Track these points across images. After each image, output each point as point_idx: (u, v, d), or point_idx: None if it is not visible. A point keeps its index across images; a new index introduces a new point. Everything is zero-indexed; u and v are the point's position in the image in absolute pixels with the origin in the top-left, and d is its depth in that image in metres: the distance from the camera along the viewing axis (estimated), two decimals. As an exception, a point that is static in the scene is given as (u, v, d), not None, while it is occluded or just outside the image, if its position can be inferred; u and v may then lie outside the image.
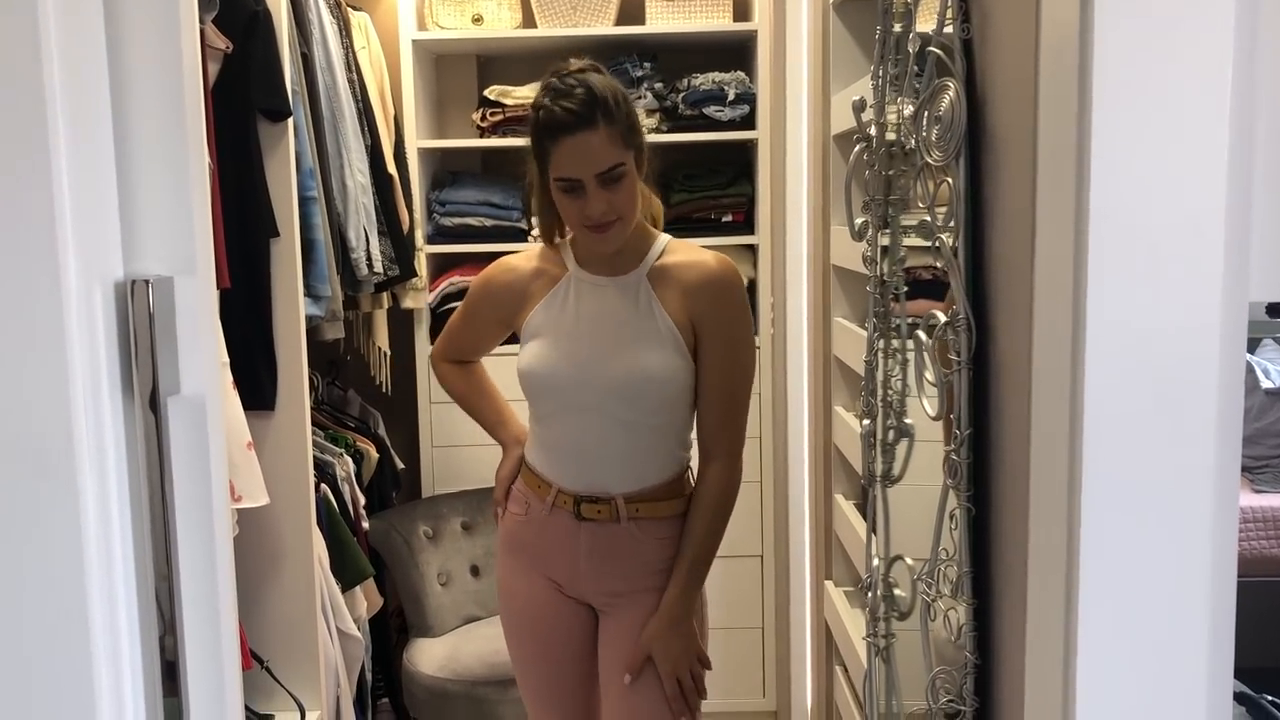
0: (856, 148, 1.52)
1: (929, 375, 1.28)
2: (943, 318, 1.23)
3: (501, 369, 2.13)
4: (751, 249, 3.34)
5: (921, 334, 1.28)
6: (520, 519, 1.95)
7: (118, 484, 0.97)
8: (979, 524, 1.21)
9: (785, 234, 3.05)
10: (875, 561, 1.64)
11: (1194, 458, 0.91)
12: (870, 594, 1.65)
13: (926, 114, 1.26)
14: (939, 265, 1.24)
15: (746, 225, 3.33)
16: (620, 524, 1.86)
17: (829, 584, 2.39)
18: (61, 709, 0.94)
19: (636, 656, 1.85)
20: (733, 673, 3.46)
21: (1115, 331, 0.91)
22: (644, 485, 1.87)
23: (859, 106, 1.50)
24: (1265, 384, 4.19)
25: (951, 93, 1.20)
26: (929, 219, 1.30)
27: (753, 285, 3.35)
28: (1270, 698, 1.35)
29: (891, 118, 1.46)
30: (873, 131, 1.52)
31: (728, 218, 3.30)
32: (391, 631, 3.28)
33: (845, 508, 2.27)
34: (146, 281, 0.95)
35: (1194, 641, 0.92)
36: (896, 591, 1.61)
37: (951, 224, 1.21)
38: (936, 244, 1.25)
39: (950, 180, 1.21)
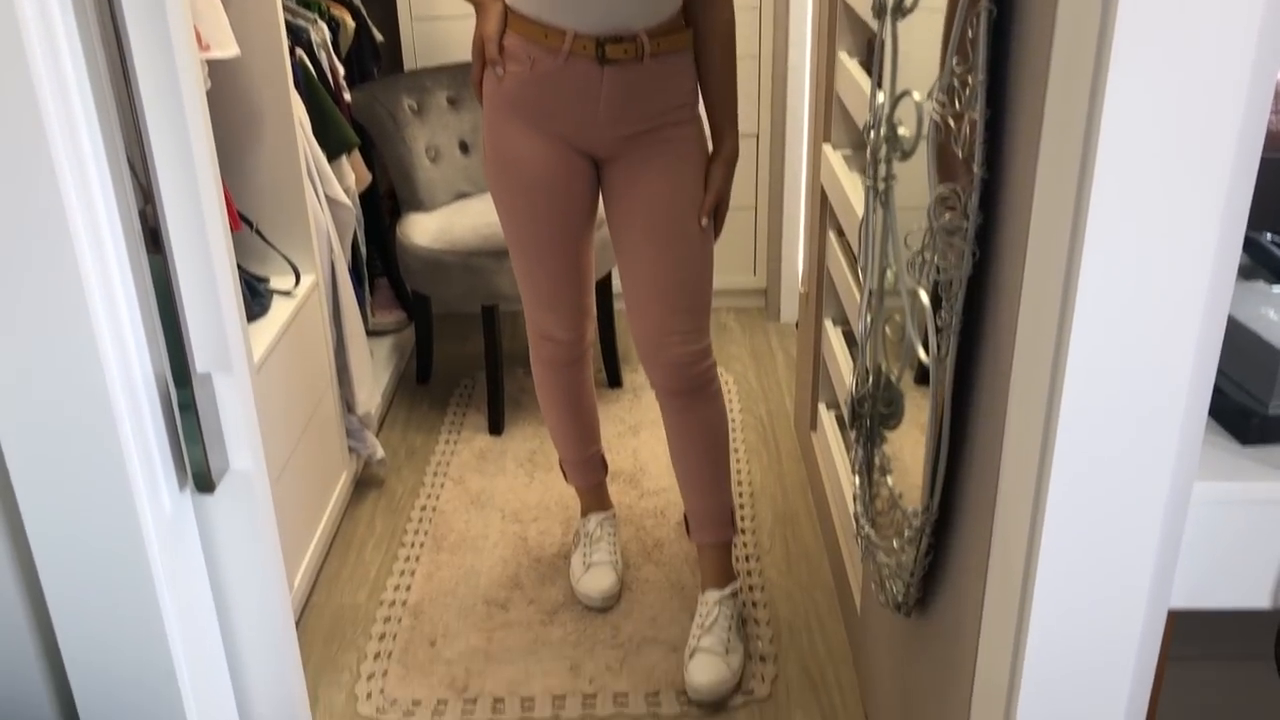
0: None
1: None
2: None
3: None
4: None
5: None
6: (524, 76, 1.83)
7: (68, 41, 0.88)
8: (999, 30, 1.12)
9: None
10: (881, 101, 1.56)
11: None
12: (872, 133, 1.59)
13: None
14: None
15: None
16: (643, 62, 1.80)
17: (827, 147, 2.33)
18: (46, 278, 0.89)
19: (709, 200, 1.91)
20: (723, 252, 3.49)
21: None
22: (662, 18, 1.80)
23: None
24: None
25: None
26: None
27: None
28: (1271, 235, 1.33)
29: None
30: None
31: None
32: (384, 214, 3.27)
33: (849, 65, 2.16)
34: None
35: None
36: (900, 130, 1.55)
37: None
38: None
39: None
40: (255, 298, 2.15)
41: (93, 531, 0.98)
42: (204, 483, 1.05)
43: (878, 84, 1.62)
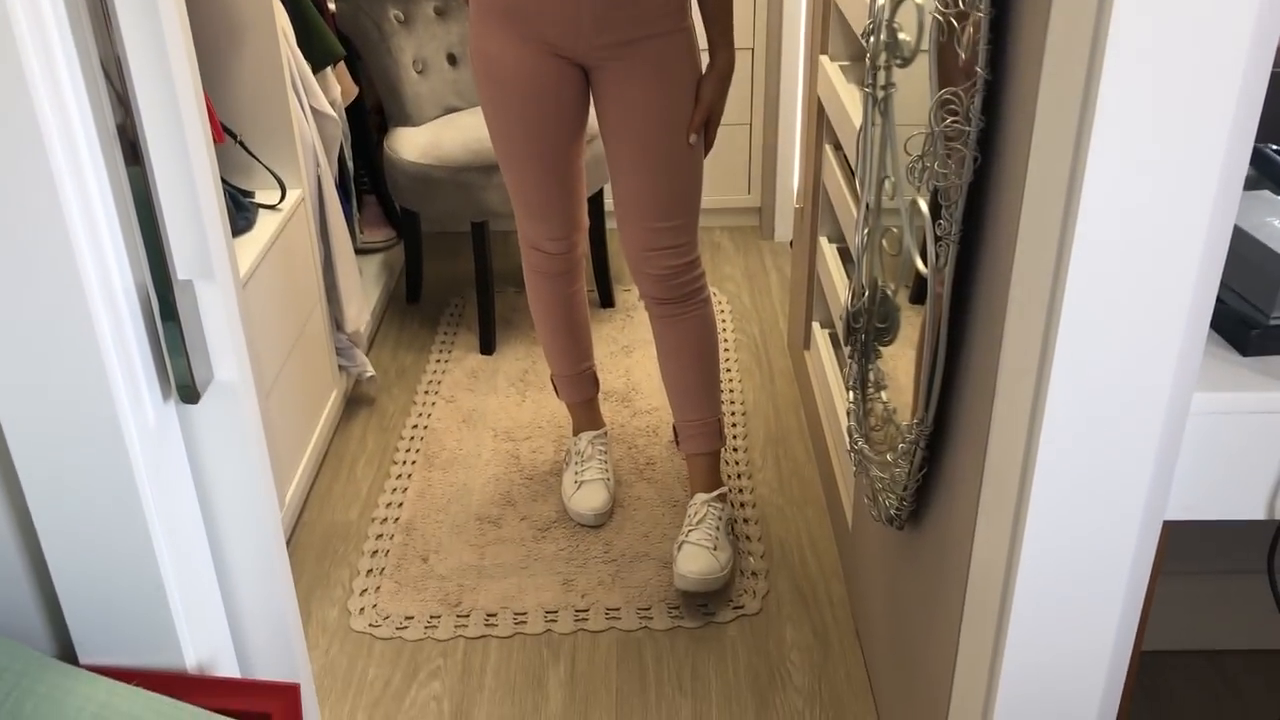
0: None
1: None
2: None
3: None
4: None
5: None
6: None
7: None
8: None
9: None
10: (880, 2, 1.52)
11: None
12: (871, 39, 1.55)
13: None
14: None
15: None
16: None
17: (824, 59, 2.28)
18: (20, 189, 0.86)
19: (697, 116, 1.87)
20: (716, 170, 3.45)
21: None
22: None
23: None
24: None
25: None
26: None
27: None
28: (1275, 146, 1.30)
29: None
30: None
31: None
32: (371, 130, 3.21)
33: (847, -29, 2.10)
34: None
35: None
36: (901, 35, 1.51)
37: None
38: None
39: None
40: (240, 211, 2.11)
41: (76, 444, 0.97)
42: (188, 393, 1.03)
43: (877, -11, 1.57)
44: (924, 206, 1.26)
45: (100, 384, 0.94)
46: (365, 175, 3.23)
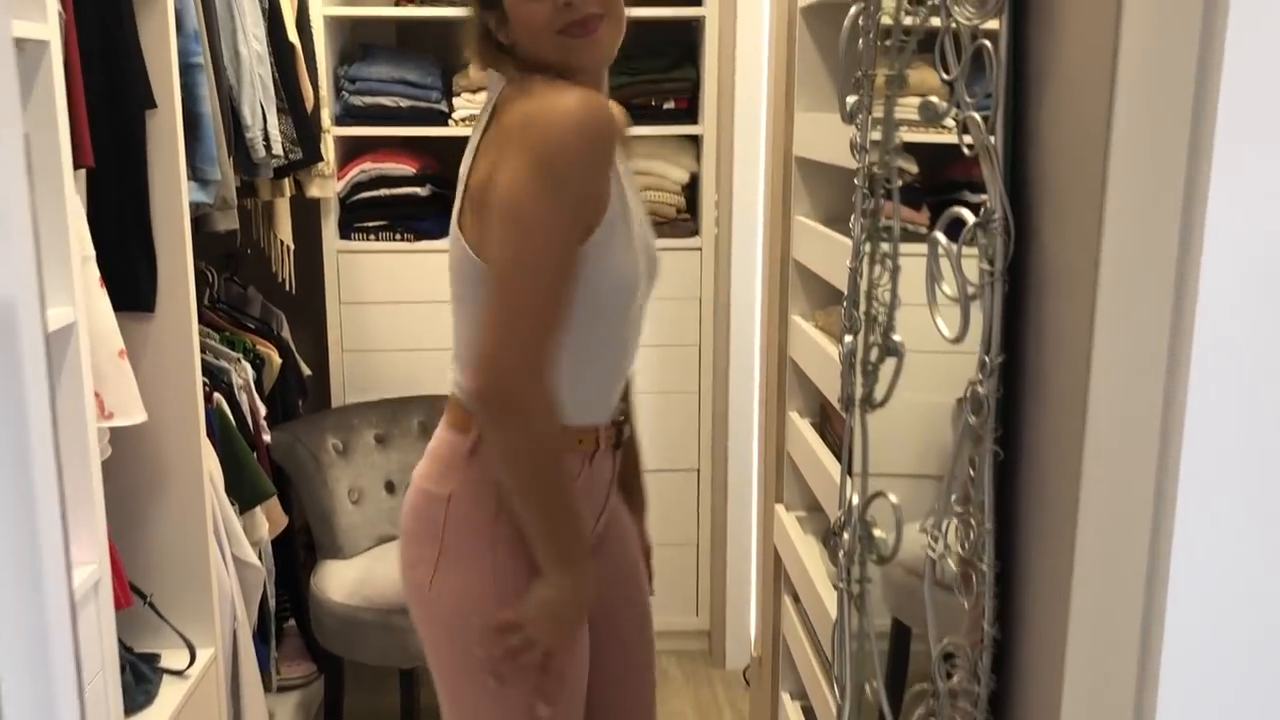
0: (853, 10, 1.26)
1: (946, 288, 1.05)
2: (970, 218, 0.99)
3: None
4: (695, 140, 3.07)
5: (940, 236, 1.04)
6: None
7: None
8: (1007, 471, 0.99)
9: (733, 123, 2.78)
10: (851, 497, 1.43)
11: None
12: (844, 535, 1.44)
13: (957, -40, 1.01)
14: (968, 149, 1.00)
15: (689, 114, 3.04)
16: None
17: (780, 508, 2.20)
18: None
19: (646, 571, 1.73)
20: (663, 589, 3.29)
21: (1249, 231, 0.68)
22: None
23: (857, -42, 1.24)
24: None
25: (995, -69, 0.95)
26: (942, 100, 1.06)
27: (695, 180, 3.09)
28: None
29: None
30: (872, -10, 1.26)
31: (670, 104, 3.01)
32: (298, 549, 3.03)
33: (801, 427, 2.06)
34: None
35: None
36: (875, 532, 1.41)
37: (987, 99, 0.97)
38: (961, 121, 1.01)
39: (987, 44, 0.97)
40: (140, 683, 1.88)
41: None
42: None
43: (848, 471, 1.50)
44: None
45: None
46: (288, 603, 3.02)
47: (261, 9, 2.41)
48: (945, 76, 1.03)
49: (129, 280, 1.91)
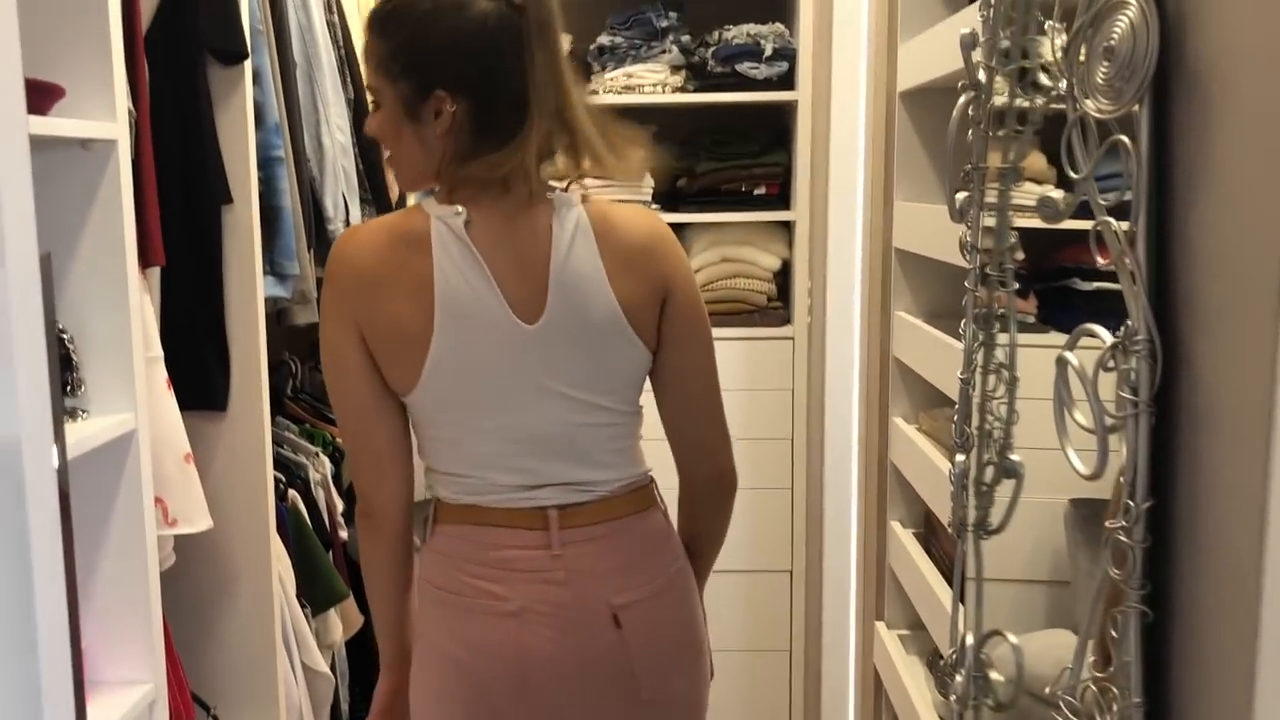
0: (962, 99, 1.14)
1: (1080, 417, 0.91)
2: (1107, 337, 0.86)
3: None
4: (787, 226, 2.96)
5: (1071, 357, 0.90)
6: None
7: None
8: (1156, 634, 0.84)
9: (827, 210, 2.67)
10: (965, 635, 1.28)
11: None
12: (956, 677, 1.29)
13: (1086, 46, 0.89)
14: (1105, 261, 0.87)
15: (781, 199, 2.95)
16: None
17: (880, 626, 2.03)
18: None
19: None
20: (754, 695, 3.11)
21: None
22: None
23: (968, 43, 1.13)
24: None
25: (1133, 11, 0.83)
26: (1052, 186, 0.93)
27: (787, 267, 2.97)
28: None
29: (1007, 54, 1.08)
30: (982, 77, 1.14)
31: (760, 190, 2.93)
32: (375, 649, 2.93)
33: (904, 539, 1.90)
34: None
35: None
36: (992, 674, 1.25)
37: (1127, 201, 0.84)
38: (1097, 229, 0.87)
39: (1125, 140, 0.84)
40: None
41: None
42: None
43: (959, 598, 1.34)
44: None
45: None
46: (364, 703, 2.91)
47: (346, 100, 2.38)
48: (1073, 175, 0.90)
49: (200, 379, 1.86)
